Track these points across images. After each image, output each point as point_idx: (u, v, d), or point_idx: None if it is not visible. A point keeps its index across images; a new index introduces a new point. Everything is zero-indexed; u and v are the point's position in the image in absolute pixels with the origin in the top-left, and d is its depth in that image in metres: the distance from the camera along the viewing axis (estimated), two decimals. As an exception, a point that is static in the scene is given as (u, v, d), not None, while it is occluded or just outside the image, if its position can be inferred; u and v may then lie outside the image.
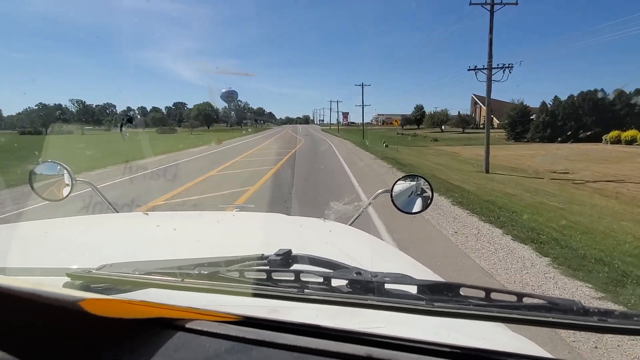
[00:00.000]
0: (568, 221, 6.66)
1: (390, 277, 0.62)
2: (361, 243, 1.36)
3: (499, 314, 0.53)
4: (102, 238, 1.25)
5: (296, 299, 0.60)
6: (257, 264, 0.70)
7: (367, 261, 1.02)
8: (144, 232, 1.34)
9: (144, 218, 1.52)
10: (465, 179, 12.33)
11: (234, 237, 1.33)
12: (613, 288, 3.49)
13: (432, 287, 0.59)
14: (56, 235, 1.25)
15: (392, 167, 13.85)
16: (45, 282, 0.62)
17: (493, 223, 5.75)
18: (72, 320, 0.48)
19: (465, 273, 3.96)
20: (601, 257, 4.29)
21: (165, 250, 1.03)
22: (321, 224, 1.45)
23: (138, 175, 11.46)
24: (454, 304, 0.55)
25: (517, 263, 4.23)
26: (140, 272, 0.68)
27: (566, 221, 6.60)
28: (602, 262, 4.09)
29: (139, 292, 0.66)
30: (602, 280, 3.65)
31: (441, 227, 5.67)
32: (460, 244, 4.92)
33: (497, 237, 5.12)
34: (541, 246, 4.65)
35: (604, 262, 4.10)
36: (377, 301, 0.57)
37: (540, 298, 0.54)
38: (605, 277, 3.69)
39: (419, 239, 5.09)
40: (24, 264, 0.88)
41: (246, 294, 0.61)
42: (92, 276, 0.68)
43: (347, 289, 0.61)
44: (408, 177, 1.60)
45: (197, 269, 0.67)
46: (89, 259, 0.82)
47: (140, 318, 0.52)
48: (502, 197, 8.99)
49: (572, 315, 0.51)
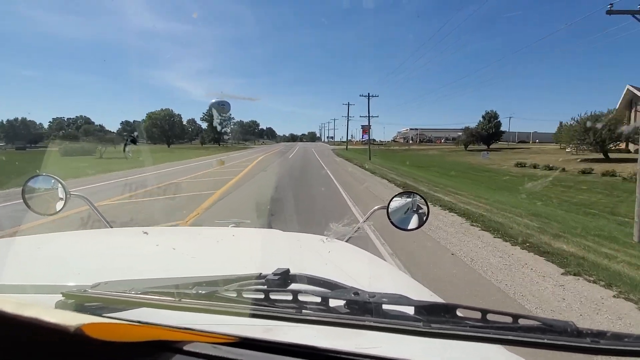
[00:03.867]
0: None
1: (388, 297, 0.62)
2: (359, 261, 1.36)
3: (496, 335, 0.54)
4: (97, 254, 1.23)
5: (294, 319, 0.60)
6: (255, 283, 0.70)
7: (364, 280, 1.01)
8: (141, 248, 1.32)
9: (140, 234, 1.48)
10: None
11: (232, 254, 1.32)
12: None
13: (429, 308, 0.60)
14: (51, 251, 1.23)
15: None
16: (39, 301, 0.66)
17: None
18: (65, 345, 0.47)
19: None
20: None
21: (162, 268, 1.03)
22: (319, 241, 1.45)
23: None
24: (450, 325, 0.56)
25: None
26: (137, 291, 0.67)
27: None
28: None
29: (134, 312, 0.65)
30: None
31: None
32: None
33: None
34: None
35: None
36: (375, 322, 0.57)
37: (535, 319, 0.55)
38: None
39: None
40: (18, 281, 0.86)
41: (244, 314, 0.61)
42: (86, 295, 0.66)
43: (344, 309, 0.62)
44: (404, 194, 1.59)
45: (195, 288, 0.66)
46: (85, 276, 0.83)
47: (137, 341, 0.52)
48: None
49: (566, 336, 0.52)
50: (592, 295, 3.82)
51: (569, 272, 4.40)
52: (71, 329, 0.44)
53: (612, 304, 3.65)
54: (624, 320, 3.31)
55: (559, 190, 15.69)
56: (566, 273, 4.39)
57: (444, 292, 4.01)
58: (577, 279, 4.21)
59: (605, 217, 10.47)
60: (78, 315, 0.52)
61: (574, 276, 4.29)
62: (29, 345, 0.47)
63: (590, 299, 3.73)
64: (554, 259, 4.88)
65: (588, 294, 3.83)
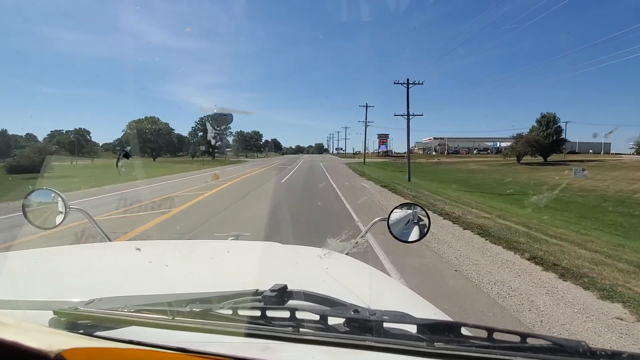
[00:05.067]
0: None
1: (389, 315, 0.60)
2: (359, 275, 1.32)
3: (502, 356, 0.52)
4: (92, 270, 1.21)
5: (291, 339, 0.58)
6: (251, 300, 0.68)
7: (365, 295, 0.97)
8: (136, 263, 1.30)
9: (136, 249, 1.46)
10: None
11: (229, 268, 1.29)
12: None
13: (432, 327, 0.58)
14: (46, 266, 1.22)
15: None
16: (31, 318, 0.64)
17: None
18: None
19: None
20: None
21: (158, 283, 1.01)
22: (318, 254, 1.42)
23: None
24: (455, 345, 0.54)
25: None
26: (129, 308, 0.65)
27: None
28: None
29: (127, 330, 0.62)
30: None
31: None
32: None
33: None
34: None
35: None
36: (375, 342, 0.56)
37: (544, 339, 0.53)
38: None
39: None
40: (11, 296, 0.84)
41: (239, 334, 0.59)
42: (78, 313, 0.65)
43: (344, 327, 0.60)
44: (405, 205, 1.57)
45: (189, 306, 0.65)
46: (78, 291, 0.82)
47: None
48: None
49: (579, 357, 0.50)
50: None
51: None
52: (51, 354, 0.43)
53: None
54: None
55: None
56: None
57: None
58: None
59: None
60: (62, 338, 0.50)
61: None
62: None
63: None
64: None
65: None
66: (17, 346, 0.43)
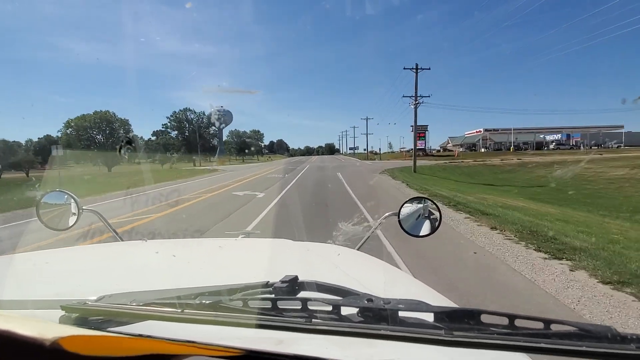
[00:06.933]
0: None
1: (404, 304, 0.58)
2: (371, 268, 1.31)
3: (526, 343, 0.49)
4: (102, 267, 1.22)
5: (304, 329, 0.57)
6: (262, 292, 0.67)
7: (378, 287, 0.96)
8: (145, 260, 1.31)
9: (145, 246, 1.48)
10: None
11: (238, 263, 1.29)
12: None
13: (450, 315, 0.55)
14: (56, 266, 1.22)
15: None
16: (39, 317, 0.64)
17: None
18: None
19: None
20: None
21: (167, 279, 1.01)
22: (329, 249, 1.42)
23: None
24: (475, 333, 0.52)
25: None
26: (139, 303, 0.65)
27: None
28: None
29: (136, 325, 0.63)
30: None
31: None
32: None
33: None
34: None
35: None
36: (391, 331, 0.53)
37: (569, 325, 0.51)
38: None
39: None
40: (20, 295, 0.85)
41: (250, 325, 0.58)
42: (87, 309, 0.65)
43: (358, 317, 0.58)
44: (415, 200, 1.55)
45: (199, 298, 0.64)
46: (88, 289, 0.83)
47: (136, 355, 0.49)
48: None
49: (607, 343, 0.48)
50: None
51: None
52: (46, 343, 0.41)
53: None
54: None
55: None
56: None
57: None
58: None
59: None
60: (60, 328, 0.49)
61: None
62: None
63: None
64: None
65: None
66: (9, 334, 0.42)
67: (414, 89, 25.29)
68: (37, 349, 0.41)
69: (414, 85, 25.25)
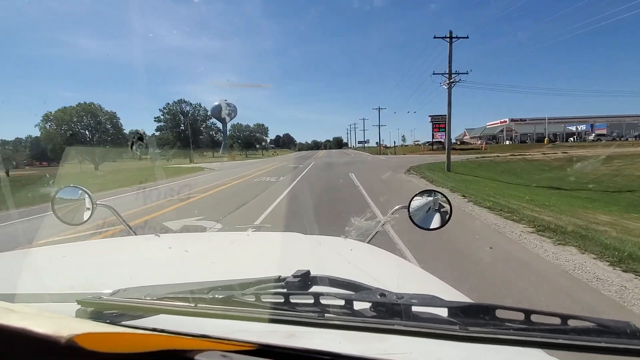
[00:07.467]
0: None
1: (418, 298, 0.58)
2: (383, 262, 1.30)
3: (543, 339, 0.49)
4: (115, 262, 1.23)
5: (316, 324, 0.57)
6: (274, 287, 0.67)
7: (390, 282, 0.95)
8: (159, 254, 1.31)
9: (159, 240, 1.49)
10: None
11: (249, 257, 1.29)
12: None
13: (465, 310, 0.55)
14: (69, 260, 1.24)
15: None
16: (55, 310, 0.64)
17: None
18: (77, 357, 0.45)
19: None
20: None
21: (180, 273, 1.02)
22: (340, 243, 1.41)
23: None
24: (491, 328, 0.51)
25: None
26: (152, 297, 0.65)
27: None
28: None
29: (150, 319, 0.63)
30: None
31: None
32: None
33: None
34: None
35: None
36: (405, 326, 0.53)
37: (587, 320, 0.50)
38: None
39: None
40: (35, 289, 0.86)
41: (263, 320, 0.58)
42: (102, 303, 0.66)
43: (370, 312, 0.58)
44: (425, 193, 1.54)
45: (211, 293, 0.64)
46: (102, 283, 0.83)
47: (151, 351, 0.49)
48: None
49: (626, 338, 0.47)
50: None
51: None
52: (62, 340, 0.42)
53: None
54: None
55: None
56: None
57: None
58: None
59: None
60: (75, 324, 0.50)
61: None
62: (13, 358, 0.44)
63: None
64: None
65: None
66: (24, 332, 0.42)
67: (448, 65, 19.66)
68: (52, 346, 0.41)
69: (448, 60, 19.61)
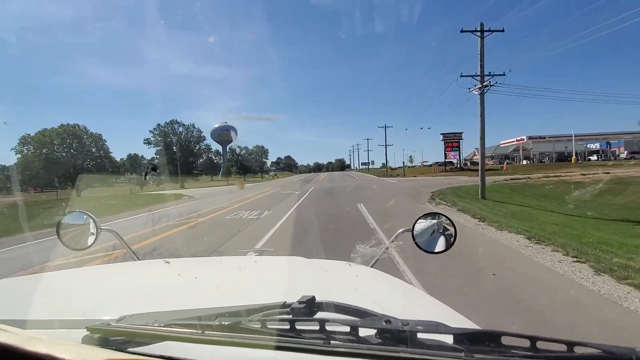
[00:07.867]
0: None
1: (423, 325, 0.58)
2: (388, 287, 1.29)
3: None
4: (123, 287, 1.23)
5: (322, 351, 0.57)
6: (280, 313, 0.67)
7: (395, 308, 0.95)
8: (165, 280, 1.31)
9: (165, 266, 1.49)
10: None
11: (255, 283, 1.28)
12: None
13: (470, 336, 0.55)
14: (79, 286, 1.24)
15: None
16: (65, 336, 0.65)
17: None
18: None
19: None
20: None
21: (186, 299, 1.02)
22: (345, 268, 1.40)
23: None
24: (496, 356, 0.51)
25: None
26: (160, 323, 0.66)
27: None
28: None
29: (157, 346, 0.63)
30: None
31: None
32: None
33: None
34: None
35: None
36: (410, 353, 0.53)
37: (592, 347, 0.50)
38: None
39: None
40: (45, 315, 0.86)
41: (269, 347, 0.58)
42: (110, 329, 0.66)
43: (376, 339, 0.58)
44: (429, 215, 1.52)
45: (218, 319, 0.64)
46: (110, 309, 0.84)
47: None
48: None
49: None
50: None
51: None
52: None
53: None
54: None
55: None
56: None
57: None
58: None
59: None
60: (94, 352, 0.51)
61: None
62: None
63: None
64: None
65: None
66: (51, 359, 0.44)
67: (479, 65, 15.67)
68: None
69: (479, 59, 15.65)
